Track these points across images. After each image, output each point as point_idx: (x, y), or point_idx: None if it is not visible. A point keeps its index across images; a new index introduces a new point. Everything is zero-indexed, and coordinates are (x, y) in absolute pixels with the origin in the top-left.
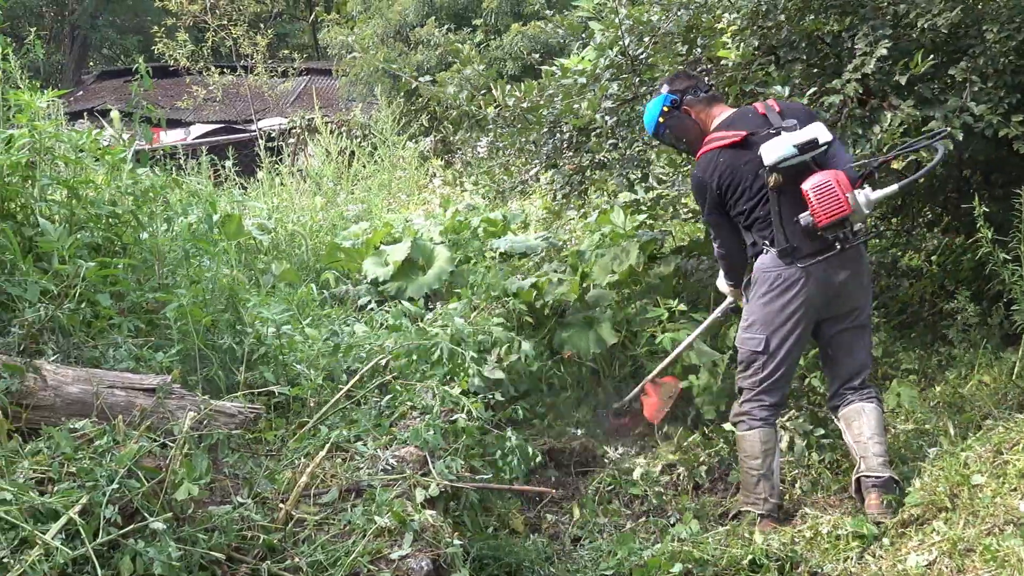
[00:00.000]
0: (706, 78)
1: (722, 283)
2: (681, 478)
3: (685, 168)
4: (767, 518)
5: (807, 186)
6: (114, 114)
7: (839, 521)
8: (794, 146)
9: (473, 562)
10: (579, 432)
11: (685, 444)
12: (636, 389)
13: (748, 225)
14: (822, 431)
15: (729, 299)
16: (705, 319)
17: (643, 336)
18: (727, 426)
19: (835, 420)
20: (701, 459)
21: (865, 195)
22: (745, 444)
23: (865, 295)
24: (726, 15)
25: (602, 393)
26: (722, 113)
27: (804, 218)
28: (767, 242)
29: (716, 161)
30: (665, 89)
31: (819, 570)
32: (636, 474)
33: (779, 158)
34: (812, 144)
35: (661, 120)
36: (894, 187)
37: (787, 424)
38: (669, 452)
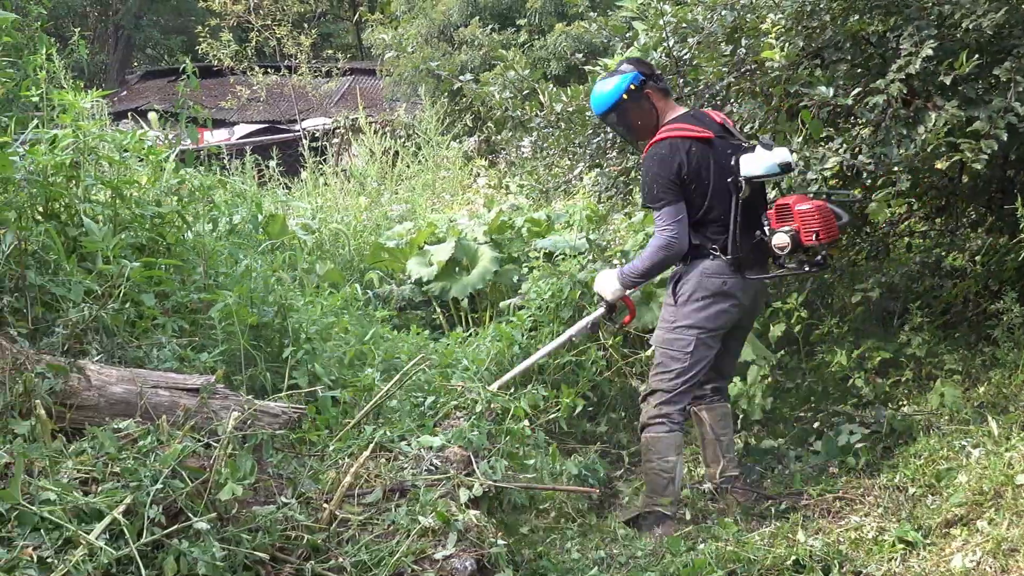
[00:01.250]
0: (752, 78)
1: (613, 283)
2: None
3: None
4: (671, 519)
5: (800, 204)
6: (152, 115)
7: (883, 523)
8: (778, 164)
9: (516, 564)
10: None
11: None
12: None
13: (700, 223)
14: (859, 435)
15: (600, 311)
16: (568, 330)
17: None
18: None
19: (695, 411)
20: (743, 460)
21: None
22: (661, 447)
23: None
24: (771, 15)
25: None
26: (678, 108)
27: (782, 235)
28: (716, 247)
29: (688, 148)
30: (629, 68)
31: (863, 570)
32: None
33: (765, 172)
34: (789, 166)
35: (624, 97)
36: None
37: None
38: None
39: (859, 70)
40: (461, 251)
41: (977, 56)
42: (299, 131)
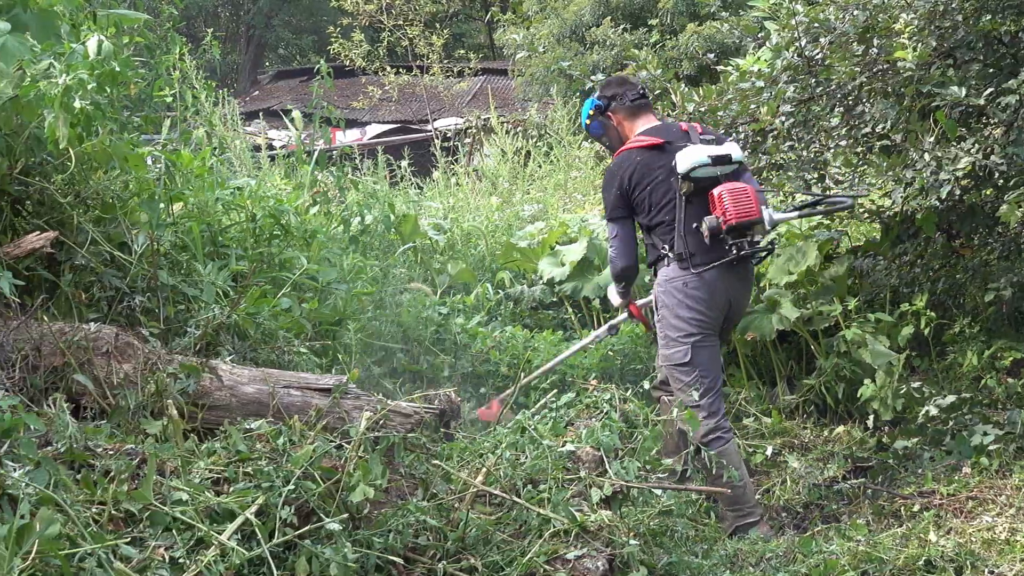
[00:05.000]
0: (883, 78)
1: (613, 294)
2: (853, 483)
3: (861, 167)
4: (762, 520)
5: (719, 189)
6: (295, 114)
7: (1015, 523)
8: (708, 156)
9: (648, 564)
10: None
11: (857, 448)
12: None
13: (651, 227)
14: (992, 436)
15: (621, 316)
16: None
17: (822, 339)
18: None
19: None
20: (872, 463)
21: (770, 212)
22: (727, 459)
23: (747, 306)
24: (903, 15)
25: (779, 392)
26: (647, 123)
27: (709, 220)
28: (667, 247)
29: (632, 159)
30: (595, 95)
31: (995, 570)
32: (807, 482)
33: (692, 165)
34: (725, 159)
35: (588, 121)
36: (794, 212)
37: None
38: (842, 454)
39: (991, 70)
40: (593, 251)
41: None
42: (431, 131)
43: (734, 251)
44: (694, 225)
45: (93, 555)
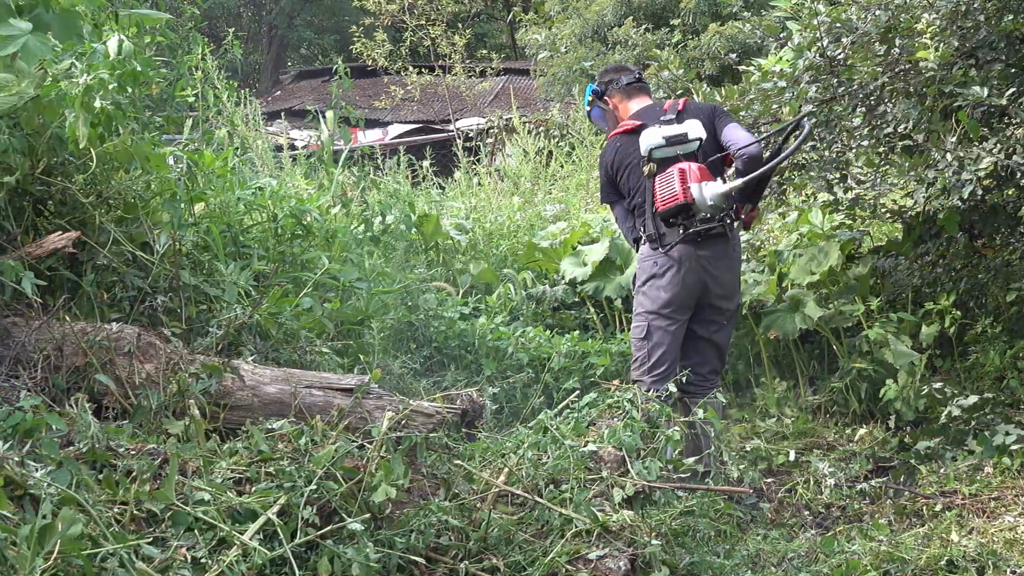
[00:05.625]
0: (905, 78)
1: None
2: (876, 483)
3: (883, 167)
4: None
5: (658, 176)
6: (329, 114)
7: None
8: (663, 138)
9: (670, 564)
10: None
11: (879, 448)
12: None
13: (631, 209)
14: (1015, 436)
15: None
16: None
17: (844, 339)
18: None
19: (686, 402)
20: (894, 463)
21: (712, 188)
22: None
23: (735, 285)
24: (925, 15)
25: (801, 391)
26: (638, 105)
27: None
28: (642, 229)
29: (615, 145)
30: (595, 82)
31: (1017, 570)
32: (829, 483)
33: (649, 147)
34: (680, 138)
35: (588, 108)
36: (739, 181)
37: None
38: (864, 454)
39: (1013, 70)
40: (615, 251)
41: None
42: (453, 131)
43: (680, 231)
44: None
45: (115, 555)
